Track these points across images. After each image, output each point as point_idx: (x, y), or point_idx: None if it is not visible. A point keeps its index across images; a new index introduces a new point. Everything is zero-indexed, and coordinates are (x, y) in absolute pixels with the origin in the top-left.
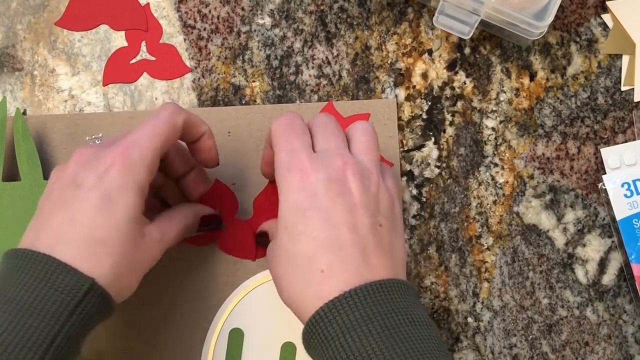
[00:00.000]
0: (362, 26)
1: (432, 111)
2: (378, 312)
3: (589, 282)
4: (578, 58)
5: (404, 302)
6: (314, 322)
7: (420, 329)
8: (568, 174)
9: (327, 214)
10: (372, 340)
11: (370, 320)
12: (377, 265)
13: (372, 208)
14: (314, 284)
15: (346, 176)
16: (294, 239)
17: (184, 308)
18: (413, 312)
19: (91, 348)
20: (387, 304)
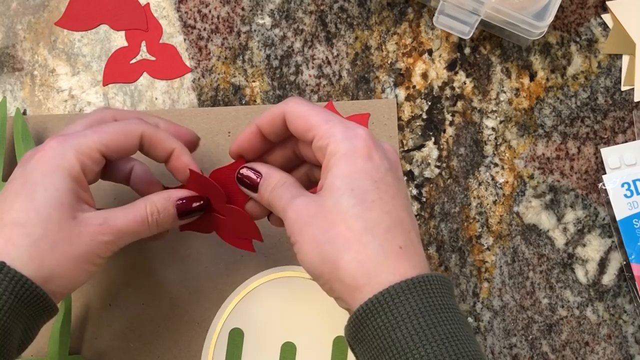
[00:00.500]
0: (362, 26)
1: (432, 111)
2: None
3: (589, 282)
4: (578, 58)
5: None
6: (389, 295)
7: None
8: (568, 174)
9: (396, 193)
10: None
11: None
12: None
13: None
14: (392, 259)
15: (398, 165)
16: (366, 204)
17: (184, 308)
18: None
19: (91, 348)
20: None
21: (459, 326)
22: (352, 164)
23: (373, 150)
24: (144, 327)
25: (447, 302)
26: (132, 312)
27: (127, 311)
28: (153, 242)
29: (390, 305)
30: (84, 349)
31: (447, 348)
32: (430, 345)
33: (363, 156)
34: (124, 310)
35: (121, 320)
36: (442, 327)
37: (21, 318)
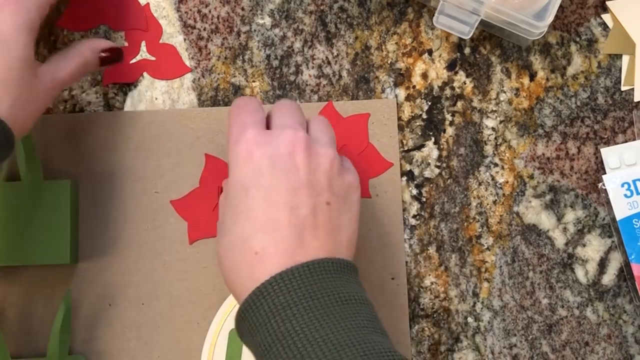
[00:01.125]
0: (362, 26)
1: (432, 111)
2: (303, 294)
3: (589, 282)
4: (578, 58)
5: (333, 281)
6: (245, 307)
7: (348, 306)
8: (568, 174)
9: (268, 193)
10: (296, 323)
11: (295, 304)
12: (312, 246)
13: (319, 187)
14: (248, 266)
15: (294, 152)
16: (234, 217)
17: (184, 308)
18: (342, 291)
19: (91, 348)
20: (313, 285)
21: (317, 313)
22: (231, 175)
23: (255, 151)
24: (144, 327)
25: (305, 293)
26: (132, 312)
27: (127, 311)
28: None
29: (247, 316)
30: (84, 349)
31: (300, 345)
32: (282, 346)
33: (241, 162)
34: (124, 310)
35: (121, 320)
36: (297, 321)
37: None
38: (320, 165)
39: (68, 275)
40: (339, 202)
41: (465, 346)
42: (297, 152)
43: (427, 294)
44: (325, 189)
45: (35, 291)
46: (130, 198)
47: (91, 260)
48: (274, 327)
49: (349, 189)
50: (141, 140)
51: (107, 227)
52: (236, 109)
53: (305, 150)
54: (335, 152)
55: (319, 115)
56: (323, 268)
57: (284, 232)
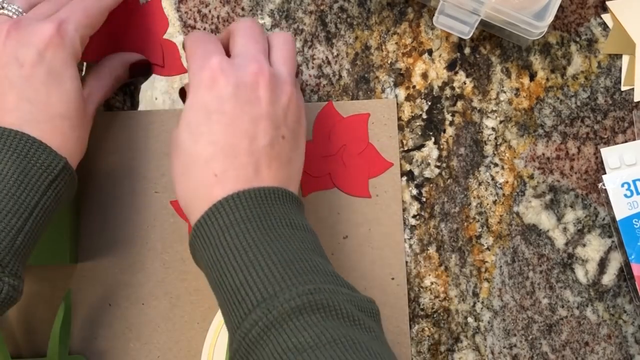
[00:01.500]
0: (362, 26)
1: (432, 111)
2: (257, 213)
3: (589, 282)
4: (578, 58)
5: (285, 208)
6: (200, 223)
7: (297, 232)
8: (568, 174)
9: (230, 120)
10: (249, 237)
11: (249, 220)
12: (267, 176)
13: (277, 120)
14: (206, 187)
15: (257, 83)
16: (195, 137)
17: (184, 308)
18: (292, 218)
19: (91, 348)
20: (267, 207)
21: (263, 230)
22: (193, 97)
23: (220, 78)
24: (144, 327)
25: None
26: (132, 312)
27: (127, 311)
28: None
29: (202, 230)
30: (84, 349)
31: (246, 255)
32: (233, 256)
33: (205, 87)
34: (124, 310)
35: (121, 320)
36: (245, 237)
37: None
38: (280, 99)
39: (68, 275)
40: (292, 136)
41: (465, 346)
42: (260, 84)
43: (427, 294)
44: (282, 122)
45: (35, 291)
46: (130, 198)
47: (91, 260)
48: (227, 240)
49: (300, 126)
50: (141, 140)
51: (107, 227)
52: (195, 37)
53: (268, 84)
54: (293, 87)
55: (282, 33)
56: (277, 195)
57: (243, 158)
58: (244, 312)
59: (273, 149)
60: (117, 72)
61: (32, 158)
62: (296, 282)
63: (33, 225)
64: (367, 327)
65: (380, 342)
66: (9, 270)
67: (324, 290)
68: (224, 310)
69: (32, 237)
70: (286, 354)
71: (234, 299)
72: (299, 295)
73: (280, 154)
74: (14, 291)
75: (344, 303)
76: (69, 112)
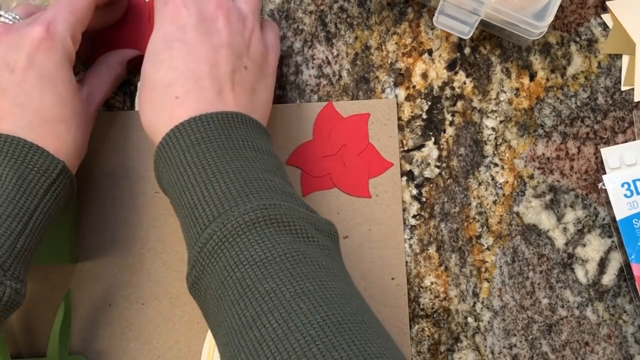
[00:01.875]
0: (362, 26)
1: (432, 111)
2: (219, 135)
3: (589, 282)
4: (578, 58)
5: (247, 132)
6: (162, 144)
7: (259, 154)
8: (568, 174)
9: (191, 48)
10: (209, 156)
11: (210, 140)
12: (230, 101)
13: (238, 51)
14: (168, 109)
15: (217, 16)
16: (156, 66)
17: (184, 308)
18: (255, 142)
19: (91, 348)
20: (229, 130)
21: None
22: (157, 31)
23: (182, 11)
24: (144, 327)
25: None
26: (132, 312)
27: (127, 311)
28: None
29: (165, 151)
30: (84, 349)
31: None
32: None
33: (168, 21)
34: (124, 310)
35: (121, 320)
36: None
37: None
38: (241, 32)
39: (68, 275)
40: (256, 69)
41: (465, 346)
42: (220, 17)
43: (427, 294)
44: (244, 54)
45: (36, 291)
46: (130, 198)
47: (91, 260)
48: (187, 159)
49: (265, 61)
50: (141, 140)
51: (107, 227)
52: None
53: (228, 17)
54: (254, 24)
55: None
56: (240, 119)
57: (205, 82)
58: (201, 228)
59: (235, 76)
60: (116, 71)
61: (30, 163)
62: (252, 199)
63: (33, 229)
64: (322, 245)
65: (333, 259)
66: (11, 274)
67: (279, 206)
68: (184, 230)
69: (33, 240)
70: (238, 267)
71: (192, 216)
72: (254, 209)
73: (244, 82)
74: (17, 295)
75: (299, 220)
76: (63, 115)
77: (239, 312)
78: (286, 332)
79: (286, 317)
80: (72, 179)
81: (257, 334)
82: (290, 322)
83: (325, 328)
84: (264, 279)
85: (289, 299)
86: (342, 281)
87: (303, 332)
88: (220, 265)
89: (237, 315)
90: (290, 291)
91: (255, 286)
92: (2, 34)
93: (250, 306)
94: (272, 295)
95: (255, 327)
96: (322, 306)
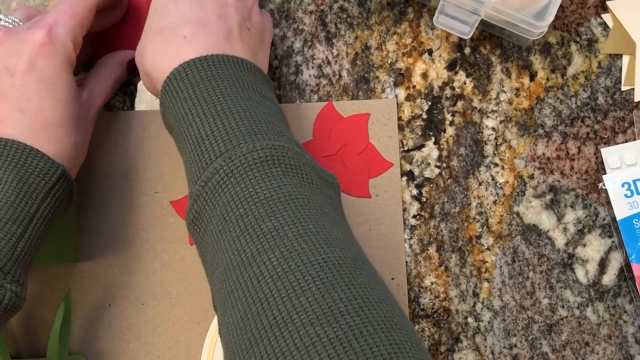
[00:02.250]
0: (362, 26)
1: (432, 111)
2: (229, 75)
3: (589, 282)
4: (578, 58)
5: (255, 79)
6: (170, 79)
7: (266, 101)
8: (568, 174)
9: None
10: (219, 92)
11: (220, 79)
12: (239, 48)
13: (243, 13)
14: (175, 47)
15: None
16: (163, 15)
17: (183, 308)
18: (262, 89)
19: (91, 348)
20: (239, 72)
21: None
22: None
23: None
24: (144, 327)
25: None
26: (132, 312)
27: (127, 311)
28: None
29: (173, 85)
30: (84, 349)
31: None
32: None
33: None
34: (124, 310)
35: (121, 320)
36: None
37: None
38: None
39: (68, 275)
40: (256, 33)
41: (466, 346)
42: None
43: (427, 294)
44: (247, 17)
45: (35, 291)
46: (130, 198)
47: (91, 260)
48: (196, 93)
49: (264, 33)
50: (141, 140)
51: (107, 227)
52: None
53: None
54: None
55: None
56: (248, 66)
57: (213, 27)
58: (206, 162)
59: (241, 31)
60: (116, 73)
61: (30, 167)
62: (260, 138)
63: (33, 232)
64: (325, 193)
65: (335, 209)
66: (11, 277)
67: (287, 149)
68: (188, 165)
69: (34, 243)
70: (242, 203)
71: (197, 150)
72: (262, 148)
73: (249, 39)
74: (17, 298)
75: (305, 165)
76: (62, 119)
77: (239, 249)
78: (286, 270)
79: (287, 256)
80: (72, 183)
81: (256, 270)
82: (291, 261)
83: (325, 269)
84: (267, 217)
85: (290, 239)
86: (344, 229)
87: (303, 271)
88: (224, 200)
89: (237, 251)
90: (292, 231)
91: (258, 224)
92: (3, 37)
93: (252, 243)
94: (274, 234)
95: (255, 264)
96: (324, 248)
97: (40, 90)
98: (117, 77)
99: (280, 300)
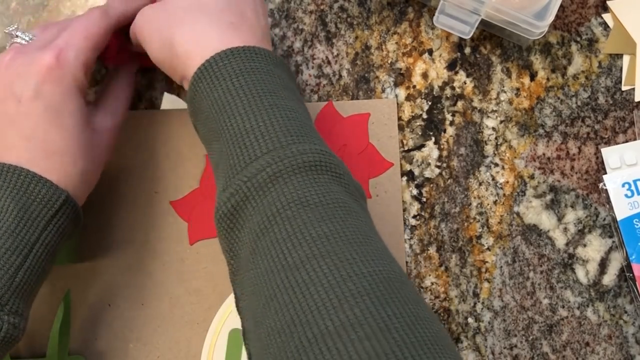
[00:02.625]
0: (362, 26)
1: (433, 111)
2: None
3: (590, 283)
4: (579, 58)
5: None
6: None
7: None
8: (568, 174)
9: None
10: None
11: (267, 73)
12: (269, 47)
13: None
14: (220, 30)
15: None
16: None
17: (183, 308)
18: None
19: (91, 348)
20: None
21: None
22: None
23: None
24: (144, 327)
25: (269, 69)
26: (132, 313)
27: (127, 311)
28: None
29: (214, 69)
30: (84, 349)
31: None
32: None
33: None
34: (124, 310)
35: (121, 320)
36: (261, 86)
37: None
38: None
39: (68, 275)
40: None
41: (466, 347)
42: None
43: (427, 294)
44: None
45: None
46: (130, 198)
47: (91, 260)
48: (242, 84)
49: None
50: (141, 140)
51: (106, 227)
52: None
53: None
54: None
55: None
56: (288, 69)
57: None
58: (250, 157)
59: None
60: (130, 85)
61: (32, 193)
62: (307, 141)
63: (33, 262)
64: (363, 206)
65: (370, 220)
66: (9, 308)
67: (333, 155)
68: (224, 156)
69: (34, 273)
70: (289, 205)
71: (239, 142)
72: (312, 152)
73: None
74: (15, 329)
75: (347, 175)
76: (68, 148)
77: (285, 252)
78: (338, 280)
79: (338, 265)
80: (78, 209)
81: (304, 276)
82: (343, 270)
83: (378, 282)
84: (317, 223)
85: (341, 247)
86: (382, 242)
87: (356, 282)
88: (269, 199)
89: (283, 254)
90: (343, 239)
91: (307, 228)
92: (11, 59)
93: (299, 248)
94: (323, 241)
95: (303, 269)
96: (374, 260)
97: (46, 117)
98: (128, 97)
99: (332, 309)
